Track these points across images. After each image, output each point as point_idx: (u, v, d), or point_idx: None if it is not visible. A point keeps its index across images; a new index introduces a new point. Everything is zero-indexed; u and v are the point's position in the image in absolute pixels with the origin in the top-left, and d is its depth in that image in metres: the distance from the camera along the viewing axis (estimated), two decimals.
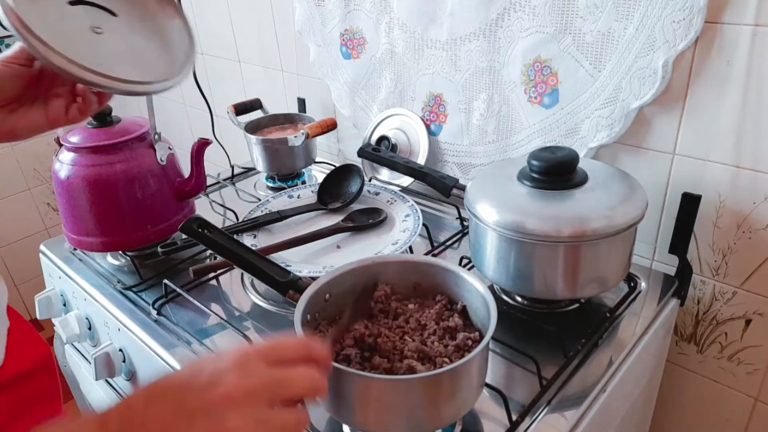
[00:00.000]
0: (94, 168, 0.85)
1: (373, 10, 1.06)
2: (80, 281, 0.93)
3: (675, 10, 0.70)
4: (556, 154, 0.70)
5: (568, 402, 0.64)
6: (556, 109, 0.87)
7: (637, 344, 0.73)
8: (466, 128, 1.01)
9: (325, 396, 0.42)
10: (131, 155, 0.87)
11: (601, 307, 0.79)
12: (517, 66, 0.88)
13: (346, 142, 1.31)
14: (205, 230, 0.70)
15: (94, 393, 1.05)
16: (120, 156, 0.86)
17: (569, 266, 0.68)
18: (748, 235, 0.78)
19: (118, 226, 0.89)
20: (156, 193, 0.89)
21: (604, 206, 0.67)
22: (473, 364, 0.53)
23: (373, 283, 0.65)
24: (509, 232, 0.68)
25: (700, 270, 0.84)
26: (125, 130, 0.88)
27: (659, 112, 0.79)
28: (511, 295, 0.80)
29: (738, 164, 0.75)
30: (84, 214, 0.87)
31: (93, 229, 0.88)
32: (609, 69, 0.79)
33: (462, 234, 0.97)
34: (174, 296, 0.85)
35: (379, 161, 0.99)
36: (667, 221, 0.84)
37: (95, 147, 0.85)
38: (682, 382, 0.94)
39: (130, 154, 0.87)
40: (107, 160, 0.86)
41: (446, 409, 0.53)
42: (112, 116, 0.91)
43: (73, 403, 1.19)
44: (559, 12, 0.80)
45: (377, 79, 1.13)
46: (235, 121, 1.22)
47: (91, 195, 0.85)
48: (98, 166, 0.85)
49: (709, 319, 0.87)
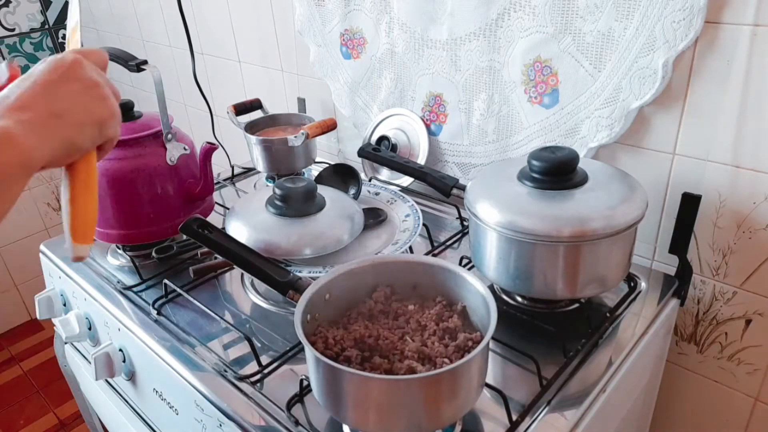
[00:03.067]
0: (111, 162, 0.87)
1: (373, 9, 1.06)
2: (80, 281, 0.93)
3: (675, 10, 0.70)
4: (556, 154, 0.70)
5: (568, 402, 0.64)
6: (556, 109, 0.87)
7: (637, 344, 0.73)
8: (466, 128, 1.01)
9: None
10: (147, 151, 0.89)
11: (601, 307, 0.79)
12: (517, 66, 0.88)
13: (346, 142, 1.31)
14: (205, 230, 0.70)
15: (94, 393, 1.05)
16: (136, 151, 0.88)
17: (569, 266, 0.68)
18: (748, 235, 0.78)
19: (131, 219, 0.90)
20: (163, 192, 0.90)
21: (604, 206, 0.67)
22: (473, 364, 0.53)
23: (373, 284, 0.65)
24: (509, 232, 0.68)
25: (700, 270, 0.84)
26: (146, 125, 0.90)
27: (659, 112, 0.79)
28: (511, 295, 0.80)
29: (738, 164, 0.75)
30: (103, 207, 0.89)
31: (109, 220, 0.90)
32: (609, 69, 0.79)
33: (462, 234, 0.97)
34: (174, 296, 0.85)
35: (379, 161, 0.99)
36: (667, 221, 0.84)
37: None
38: (682, 382, 0.94)
39: (146, 150, 0.89)
40: (125, 154, 0.87)
41: (446, 409, 0.53)
42: (134, 111, 0.92)
43: (73, 403, 1.19)
44: (559, 12, 0.80)
45: (377, 79, 1.13)
46: (235, 121, 1.22)
47: (108, 188, 0.87)
48: (115, 160, 0.87)
49: (709, 319, 0.87)
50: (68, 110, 0.45)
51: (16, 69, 0.52)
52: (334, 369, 0.52)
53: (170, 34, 1.63)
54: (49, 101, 0.44)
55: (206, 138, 1.14)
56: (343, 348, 0.58)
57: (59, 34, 2.03)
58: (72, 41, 0.57)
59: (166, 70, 1.69)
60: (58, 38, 2.03)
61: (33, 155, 0.41)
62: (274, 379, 0.69)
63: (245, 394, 0.67)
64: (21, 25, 1.94)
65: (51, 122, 0.43)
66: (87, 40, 2.07)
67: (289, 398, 0.64)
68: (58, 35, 2.03)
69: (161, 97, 0.88)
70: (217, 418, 0.67)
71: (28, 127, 0.41)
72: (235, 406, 0.66)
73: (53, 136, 0.44)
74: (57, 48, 2.03)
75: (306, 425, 0.62)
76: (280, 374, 0.70)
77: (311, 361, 0.55)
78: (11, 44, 1.93)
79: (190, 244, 0.94)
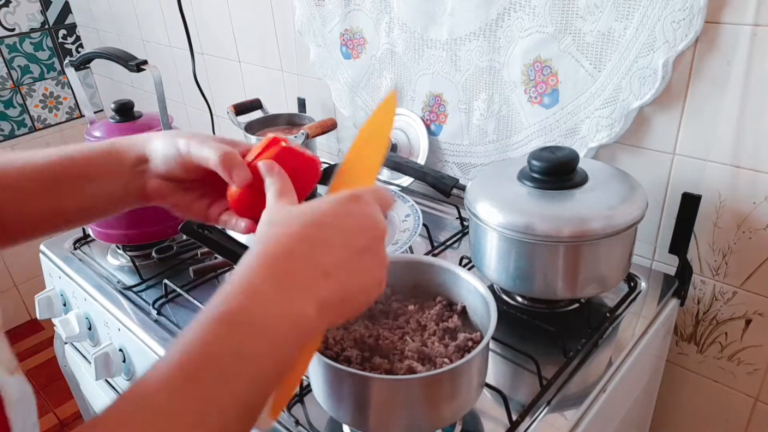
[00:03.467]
0: None
1: (373, 9, 1.06)
2: (80, 281, 0.93)
3: (675, 10, 0.70)
4: (556, 154, 0.70)
5: (568, 402, 0.64)
6: (556, 109, 0.87)
7: (637, 344, 0.73)
8: (466, 128, 1.01)
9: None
10: None
11: (601, 307, 0.79)
12: (517, 66, 0.88)
13: (346, 142, 1.31)
14: (205, 230, 0.70)
15: (94, 393, 1.05)
16: None
17: (569, 266, 0.68)
18: (748, 235, 0.78)
19: (131, 219, 0.90)
20: None
21: (604, 206, 0.67)
22: (473, 364, 0.53)
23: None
24: (509, 232, 0.68)
25: (700, 270, 0.84)
26: (146, 125, 0.90)
27: (659, 112, 0.79)
28: (511, 295, 0.80)
29: (738, 164, 0.75)
30: None
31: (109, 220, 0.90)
32: (609, 69, 0.79)
33: (462, 234, 0.97)
34: (174, 296, 0.85)
35: None
36: (667, 221, 0.84)
37: None
38: (682, 382, 0.94)
39: None
40: None
41: (446, 409, 0.53)
42: (134, 111, 0.92)
43: (73, 403, 1.19)
44: (559, 12, 0.80)
45: (377, 79, 1.13)
46: (235, 121, 1.22)
47: None
48: None
49: (709, 319, 0.87)
50: (353, 296, 0.38)
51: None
52: (334, 369, 0.52)
53: (170, 34, 1.63)
54: (349, 278, 0.38)
55: None
56: (343, 348, 0.58)
57: (59, 34, 2.03)
58: (374, 166, 0.48)
59: (166, 70, 1.69)
60: (58, 38, 2.03)
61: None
62: None
63: None
64: (21, 25, 1.94)
65: (336, 308, 0.37)
66: (87, 40, 2.07)
67: (289, 398, 0.64)
68: (58, 35, 2.03)
69: (161, 97, 0.88)
70: None
71: (324, 313, 0.36)
72: None
73: (331, 322, 0.38)
74: (57, 48, 2.03)
75: (306, 425, 0.62)
76: None
77: (311, 361, 0.55)
78: (11, 44, 1.93)
79: (190, 244, 0.94)
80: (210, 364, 0.32)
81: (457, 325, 0.60)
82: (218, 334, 0.33)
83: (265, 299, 0.35)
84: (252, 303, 0.34)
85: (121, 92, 1.99)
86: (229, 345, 0.33)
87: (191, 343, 0.32)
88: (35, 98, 2.03)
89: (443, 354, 0.56)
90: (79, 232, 1.04)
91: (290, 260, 0.37)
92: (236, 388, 0.32)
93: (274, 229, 0.39)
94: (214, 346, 0.32)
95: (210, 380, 0.31)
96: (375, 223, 0.40)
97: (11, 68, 1.95)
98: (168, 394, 0.30)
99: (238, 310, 0.34)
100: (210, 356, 0.32)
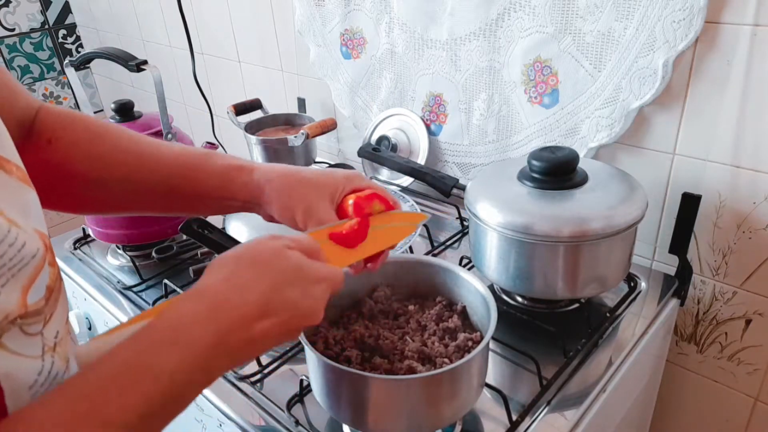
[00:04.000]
0: None
1: (373, 10, 1.06)
2: (80, 281, 0.93)
3: (675, 10, 0.70)
4: (556, 154, 0.70)
5: (568, 402, 0.64)
6: (556, 109, 0.87)
7: (637, 344, 0.73)
8: (466, 128, 1.01)
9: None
10: None
11: (601, 307, 0.79)
12: (517, 66, 0.88)
13: (346, 142, 1.31)
14: (205, 230, 0.70)
15: None
16: None
17: (569, 266, 0.68)
18: (748, 235, 0.78)
19: (131, 219, 0.90)
20: None
21: (604, 206, 0.67)
22: (473, 364, 0.53)
23: (373, 284, 0.65)
24: (509, 232, 0.68)
25: (700, 270, 0.84)
26: (146, 125, 0.90)
27: (659, 112, 0.79)
28: (511, 295, 0.80)
29: (738, 164, 0.75)
30: None
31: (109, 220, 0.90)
32: (609, 69, 0.79)
33: (462, 234, 0.97)
34: (174, 296, 0.85)
35: (379, 161, 0.99)
36: (667, 221, 0.84)
37: None
38: (682, 382, 0.94)
39: None
40: None
41: (446, 409, 0.53)
42: (134, 111, 0.93)
43: None
44: (559, 12, 0.80)
45: (377, 79, 1.13)
46: (235, 121, 1.22)
47: None
48: None
49: (709, 319, 0.87)
50: (273, 336, 0.40)
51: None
52: (334, 369, 0.52)
53: (170, 34, 1.63)
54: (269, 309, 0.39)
55: (206, 138, 1.14)
56: (343, 348, 0.58)
57: (59, 34, 2.03)
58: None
59: (166, 70, 1.69)
60: (58, 38, 2.03)
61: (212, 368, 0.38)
62: (274, 379, 0.69)
63: (245, 394, 0.67)
64: (21, 25, 1.94)
65: (247, 348, 0.39)
66: (87, 40, 2.07)
67: (289, 398, 0.64)
68: (58, 35, 2.03)
69: (161, 97, 0.88)
70: (217, 418, 0.67)
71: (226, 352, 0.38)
72: (235, 406, 0.66)
73: (242, 359, 0.40)
74: (57, 48, 2.03)
75: (306, 425, 0.62)
76: (280, 374, 0.70)
77: (311, 361, 0.55)
78: (11, 44, 1.93)
79: (190, 244, 0.94)
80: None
81: (457, 325, 0.60)
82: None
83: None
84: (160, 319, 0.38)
85: (121, 92, 1.99)
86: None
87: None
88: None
89: (443, 354, 0.56)
90: (79, 232, 1.04)
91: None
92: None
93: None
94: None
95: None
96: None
97: (11, 68, 1.95)
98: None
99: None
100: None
